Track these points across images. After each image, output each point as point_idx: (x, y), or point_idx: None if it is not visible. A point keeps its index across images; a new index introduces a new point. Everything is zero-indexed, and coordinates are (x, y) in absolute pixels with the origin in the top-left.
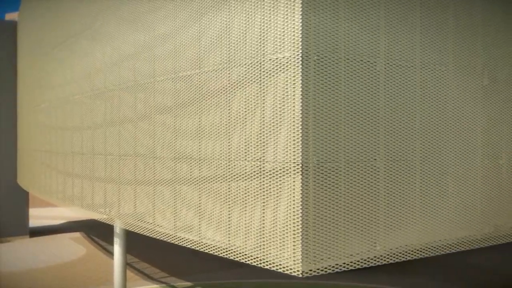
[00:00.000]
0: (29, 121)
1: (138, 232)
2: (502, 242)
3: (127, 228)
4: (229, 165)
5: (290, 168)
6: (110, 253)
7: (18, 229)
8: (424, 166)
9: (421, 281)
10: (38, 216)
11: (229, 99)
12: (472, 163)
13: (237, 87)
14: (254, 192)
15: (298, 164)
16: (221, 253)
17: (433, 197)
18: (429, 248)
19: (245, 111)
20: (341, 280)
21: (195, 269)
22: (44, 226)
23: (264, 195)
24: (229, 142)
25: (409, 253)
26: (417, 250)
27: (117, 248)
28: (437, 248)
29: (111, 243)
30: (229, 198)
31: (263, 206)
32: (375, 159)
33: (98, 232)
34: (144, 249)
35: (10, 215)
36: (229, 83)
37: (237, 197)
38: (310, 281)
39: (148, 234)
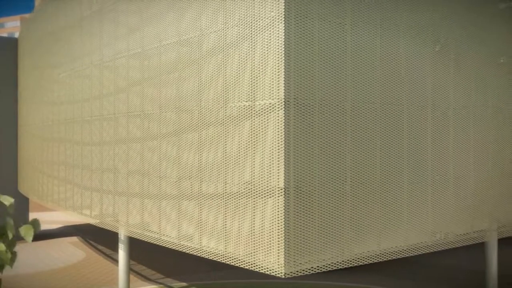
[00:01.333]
0: (30, 132)
1: (145, 240)
2: (450, 247)
3: (134, 236)
4: (225, 186)
5: (275, 191)
6: (109, 257)
7: (19, 233)
8: (383, 187)
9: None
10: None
11: (225, 133)
12: (423, 184)
13: (232, 123)
14: (246, 209)
15: (281, 188)
16: (218, 258)
17: (390, 211)
18: (387, 253)
19: (238, 139)
20: (319, 280)
21: (191, 270)
22: (43, 231)
23: (253, 211)
24: (225, 161)
25: (370, 257)
26: (377, 255)
27: (122, 254)
28: (395, 253)
29: (108, 247)
30: (224, 212)
31: (253, 219)
32: (343, 183)
33: (94, 236)
34: (142, 251)
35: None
36: (225, 120)
37: (231, 211)
38: (296, 281)
39: (154, 242)
